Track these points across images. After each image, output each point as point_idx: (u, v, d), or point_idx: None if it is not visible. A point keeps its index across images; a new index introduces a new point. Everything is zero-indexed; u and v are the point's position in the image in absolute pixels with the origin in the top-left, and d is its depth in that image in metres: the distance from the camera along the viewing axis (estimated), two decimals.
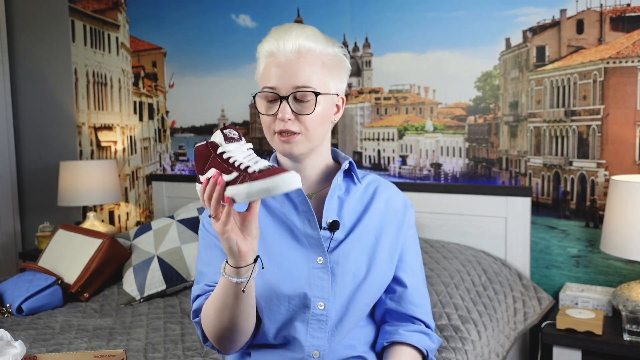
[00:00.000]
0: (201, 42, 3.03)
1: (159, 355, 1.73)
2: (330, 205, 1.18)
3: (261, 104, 1.13)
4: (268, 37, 1.13)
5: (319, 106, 1.10)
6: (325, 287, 1.14)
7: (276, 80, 1.09)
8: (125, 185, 3.40)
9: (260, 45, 1.14)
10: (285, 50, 1.09)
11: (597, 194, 2.18)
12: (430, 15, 2.43)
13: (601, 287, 2.15)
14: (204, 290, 1.17)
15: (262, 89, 1.12)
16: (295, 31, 1.10)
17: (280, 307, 1.14)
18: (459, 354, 1.62)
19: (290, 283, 1.13)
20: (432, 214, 2.43)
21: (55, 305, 2.24)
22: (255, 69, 1.18)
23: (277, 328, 1.15)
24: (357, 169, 1.24)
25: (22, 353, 1.12)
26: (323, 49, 1.12)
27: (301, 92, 1.09)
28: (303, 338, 1.15)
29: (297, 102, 1.10)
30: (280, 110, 1.09)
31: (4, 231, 3.69)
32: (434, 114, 2.49)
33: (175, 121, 3.21)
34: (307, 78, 1.09)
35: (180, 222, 2.51)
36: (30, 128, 3.72)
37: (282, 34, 1.10)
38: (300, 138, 1.11)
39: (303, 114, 1.09)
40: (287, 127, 1.09)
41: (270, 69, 1.10)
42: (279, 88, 1.09)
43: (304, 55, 1.10)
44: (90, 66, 3.42)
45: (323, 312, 1.15)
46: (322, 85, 1.11)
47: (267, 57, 1.12)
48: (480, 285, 2.03)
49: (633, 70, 2.08)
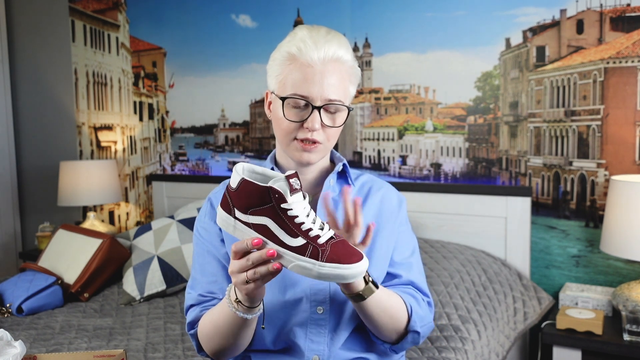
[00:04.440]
0: (201, 42, 3.03)
1: (159, 355, 1.73)
2: (324, 208, 1.16)
3: (289, 109, 1.09)
4: (299, 38, 1.08)
5: (346, 120, 1.12)
6: (324, 291, 1.14)
7: (308, 87, 1.06)
8: (125, 185, 3.40)
9: (287, 43, 1.10)
10: (324, 58, 1.06)
11: (597, 194, 2.18)
12: (430, 15, 2.43)
13: (601, 287, 2.15)
14: (198, 301, 1.16)
15: (292, 95, 1.07)
16: (336, 40, 1.08)
17: (279, 312, 1.13)
18: (459, 354, 1.62)
19: (288, 288, 1.12)
20: (432, 214, 2.43)
21: (56, 305, 2.24)
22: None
23: (275, 333, 1.15)
24: (354, 169, 1.23)
25: (22, 353, 1.12)
26: (351, 60, 1.11)
27: (335, 105, 1.08)
28: (302, 343, 1.14)
29: (327, 114, 1.09)
30: (310, 119, 1.07)
31: (4, 231, 3.69)
32: (434, 114, 2.49)
33: (175, 121, 3.21)
34: (339, 91, 1.08)
35: (180, 222, 2.51)
36: (30, 128, 3.72)
37: (322, 39, 1.07)
38: (321, 148, 1.10)
39: (333, 127, 1.09)
40: (313, 137, 1.08)
41: (300, 74, 1.07)
42: (312, 97, 1.06)
43: (339, 65, 1.08)
44: (90, 66, 3.42)
45: (322, 316, 1.14)
46: (347, 98, 1.11)
47: (295, 59, 1.07)
48: (480, 285, 2.03)
49: (633, 70, 2.08)
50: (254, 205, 0.86)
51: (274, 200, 0.85)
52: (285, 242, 0.85)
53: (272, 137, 2.90)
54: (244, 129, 3.00)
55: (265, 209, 0.86)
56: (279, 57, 1.10)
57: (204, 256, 1.17)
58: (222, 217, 0.92)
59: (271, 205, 0.85)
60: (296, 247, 0.85)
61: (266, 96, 1.17)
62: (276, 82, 1.11)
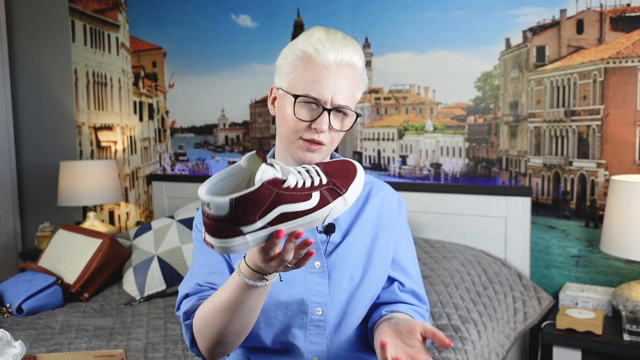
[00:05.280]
0: (201, 42, 3.03)
1: (159, 355, 1.73)
2: None
3: (300, 108, 1.08)
4: (316, 39, 1.07)
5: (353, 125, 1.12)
6: (323, 292, 1.13)
7: (321, 89, 1.06)
8: (125, 185, 3.40)
9: (303, 42, 1.09)
10: (339, 62, 1.06)
11: (597, 194, 2.18)
12: (430, 15, 2.43)
13: (601, 287, 2.15)
14: (195, 290, 1.12)
15: (304, 94, 1.06)
16: (352, 46, 1.08)
17: (277, 314, 1.12)
18: (459, 353, 1.62)
19: (287, 289, 1.12)
20: (432, 214, 2.43)
21: (56, 305, 2.24)
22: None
23: (274, 334, 1.14)
24: None
25: (22, 353, 1.12)
26: (362, 68, 1.12)
27: (345, 110, 1.09)
28: (302, 344, 1.14)
29: (336, 117, 1.09)
30: (319, 120, 1.07)
31: (4, 231, 3.69)
32: (434, 114, 2.49)
33: (175, 121, 3.21)
34: (348, 93, 1.08)
35: (180, 222, 2.51)
36: (30, 128, 3.72)
37: (339, 43, 1.07)
38: (324, 149, 1.10)
39: (340, 131, 1.10)
40: (319, 138, 1.08)
41: (314, 75, 1.06)
42: (324, 100, 1.06)
43: (352, 70, 1.09)
44: (90, 66, 3.42)
45: (321, 317, 1.13)
46: (354, 104, 1.12)
47: (311, 59, 1.07)
48: (480, 285, 2.03)
49: (633, 70, 2.08)
50: (259, 207, 0.82)
51: (275, 189, 0.83)
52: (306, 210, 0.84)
53: (272, 137, 2.90)
54: (244, 129, 3.00)
55: (271, 203, 0.83)
56: (292, 55, 1.09)
57: (205, 252, 1.15)
58: (227, 244, 0.84)
59: (274, 195, 0.83)
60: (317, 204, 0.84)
61: (270, 91, 1.16)
62: (287, 79, 1.10)
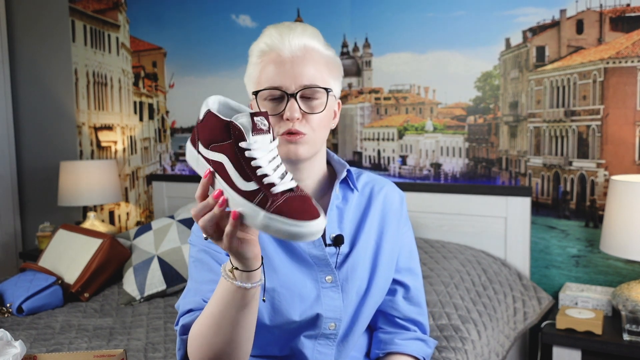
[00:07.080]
0: (201, 42, 3.04)
1: (159, 355, 1.73)
2: (331, 218, 1.11)
3: (264, 104, 1.03)
4: (266, 35, 1.05)
5: (327, 105, 1.04)
6: (338, 306, 1.09)
7: (281, 78, 1.01)
8: (126, 185, 3.40)
9: (256, 43, 1.07)
10: (291, 47, 1.02)
11: (596, 194, 2.18)
12: (430, 15, 2.43)
13: (601, 287, 2.15)
14: (200, 305, 1.03)
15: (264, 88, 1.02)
16: (300, 28, 1.05)
17: (289, 328, 1.08)
18: (459, 353, 1.62)
19: (300, 306, 1.07)
20: (432, 213, 2.43)
21: (56, 305, 2.24)
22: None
23: (283, 341, 1.11)
24: (353, 168, 1.19)
25: (22, 353, 1.12)
26: (324, 50, 1.07)
27: (311, 89, 1.02)
28: (310, 354, 1.11)
29: (306, 101, 1.03)
30: (287, 108, 1.00)
31: (4, 231, 3.69)
32: (434, 114, 2.49)
33: (175, 121, 3.22)
34: (314, 76, 1.02)
35: (181, 222, 2.51)
36: (30, 128, 3.72)
37: (287, 30, 1.03)
38: (307, 139, 1.03)
39: (313, 113, 1.02)
40: (295, 128, 1.01)
41: (272, 67, 1.02)
42: (285, 86, 1.01)
43: (310, 53, 1.03)
44: (91, 66, 3.42)
45: (333, 331, 1.11)
46: (326, 86, 1.05)
47: (265, 54, 1.04)
48: (480, 285, 2.03)
49: (633, 70, 2.08)
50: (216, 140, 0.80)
51: (234, 137, 0.79)
52: (236, 185, 0.78)
53: None
54: None
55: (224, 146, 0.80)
56: (252, 57, 1.08)
57: (202, 265, 1.08)
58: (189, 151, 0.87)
59: (230, 142, 0.79)
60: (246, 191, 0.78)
61: (251, 107, 1.09)
62: (254, 82, 1.06)
